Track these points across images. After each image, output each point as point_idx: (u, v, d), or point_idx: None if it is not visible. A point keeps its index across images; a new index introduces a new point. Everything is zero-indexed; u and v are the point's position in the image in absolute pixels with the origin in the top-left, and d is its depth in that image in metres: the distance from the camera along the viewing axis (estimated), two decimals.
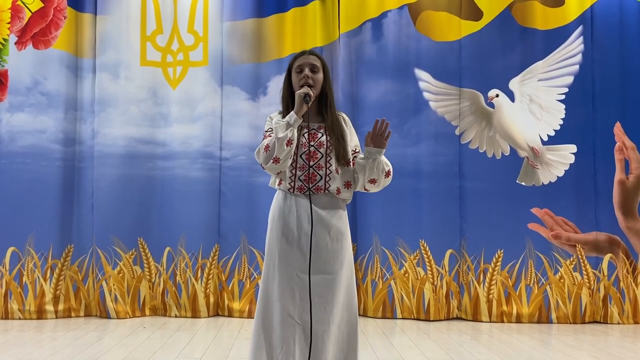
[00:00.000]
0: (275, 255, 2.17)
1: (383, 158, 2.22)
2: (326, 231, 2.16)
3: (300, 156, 2.17)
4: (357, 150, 2.30)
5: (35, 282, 4.32)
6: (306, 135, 2.19)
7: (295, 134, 2.12)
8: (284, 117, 2.20)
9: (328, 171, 2.18)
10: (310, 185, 2.17)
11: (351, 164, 2.25)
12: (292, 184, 2.18)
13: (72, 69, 4.47)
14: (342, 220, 2.21)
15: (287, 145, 2.09)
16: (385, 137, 2.19)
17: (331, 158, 2.19)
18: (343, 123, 2.27)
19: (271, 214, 2.25)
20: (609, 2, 4.57)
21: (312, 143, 2.18)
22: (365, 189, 2.26)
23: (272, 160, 2.11)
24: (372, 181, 2.22)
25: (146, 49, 4.56)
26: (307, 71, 2.19)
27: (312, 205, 2.15)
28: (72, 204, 4.43)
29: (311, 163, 2.17)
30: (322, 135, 2.20)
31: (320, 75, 2.22)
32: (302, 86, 2.18)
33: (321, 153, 2.18)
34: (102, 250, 4.38)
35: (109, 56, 4.49)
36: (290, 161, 2.15)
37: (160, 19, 4.59)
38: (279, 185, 2.24)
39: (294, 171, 2.18)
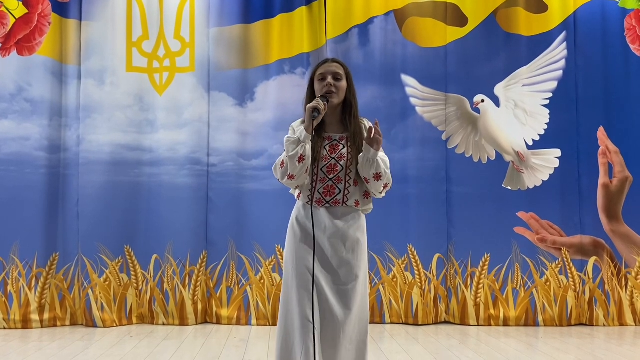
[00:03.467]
0: (293, 261, 2.17)
1: (378, 160, 2.14)
2: (342, 242, 2.15)
3: (321, 169, 2.16)
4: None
5: (20, 291, 4.27)
6: (327, 147, 2.18)
7: (308, 149, 2.09)
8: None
9: (347, 184, 2.17)
10: (329, 199, 2.16)
11: None
12: (311, 196, 2.16)
13: (56, 75, 4.43)
14: (359, 231, 2.20)
15: (298, 162, 2.08)
16: (378, 139, 2.12)
17: (351, 171, 2.17)
18: (365, 131, 2.23)
19: (292, 221, 2.23)
20: (592, 8, 4.65)
21: (333, 155, 2.17)
22: (372, 193, 2.21)
23: (287, 177, 2.12)
24: (366, 180, 2.17)
25: (132, 55, 4.53)
26: (329, 79, 2.17)
27: (330, 216, 2.15)
28: (57, 211, 4.38)
29: (331, 176, 2.16)
30: (344, 147, 2.18)
31: (343, 83, 2.20)
32: (324, 94, 2.16)
33: (341, 166, 2.16)
34: (88, 258, 4.34)
35: (95, 62, 4.45)
36: (306, 176, 2.13)
37: (146, 25, 4.56)
38: (298, 197, 2.24)
39: (314, 184, 2.16)
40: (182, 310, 4.42)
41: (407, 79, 4.60)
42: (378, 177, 2.15)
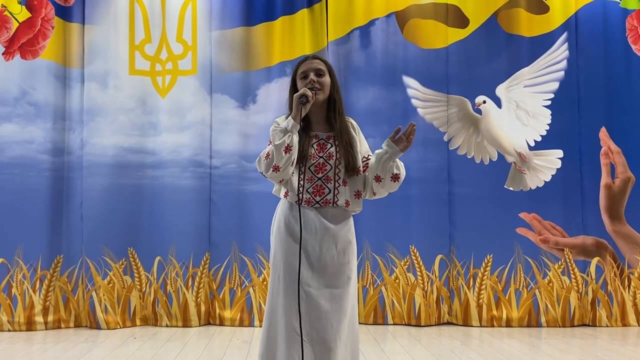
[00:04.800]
0: (280, 267, 2.09)
1: (398, 162, 2.14)
2: (333, 244, 2.10)
3: (309, 168, 2.09)
4: (368, 158, 2.21)
5: (25, 294, 4.29)
6: (315, 146, 2.12)
7: (295, 140, 2.01)
8: None
9: (337, 184, 2.11)
10: (319, 199, 2.10)
11: (361, 171, 2.17)
12: (300, 195, 2.08)
13: (60, 79, 4.45)
14: (350, 232, 2.16)
15: (285, 152, 1.99)
16: (409, 142, 2.11)
17: (340, 170, 2.11)
18: (352, 130, 2.18)
19: (276, 224, 2.15)
20: (593, 9, 4.64)
21: (321, 154, 2.10)
22: (373, 192, 2.17)
23: (272, 169, 2.02)
24: (377, 178, 2.12)
25: (135, 58, 4.56)
26: (312, 76, 2.11)
27: (320, 217, 2.09)
28: (61, 214, 4.40)
29: (319, 175, 2.09)
30: (332, 146, 2.12)
31: (326, 79, 2.14)
32: (310, 89, 2.09)
33: (330, 165, 2.10)
34: (92, 260, 4.36)
35: (98, 66, 4.48)
36: (291, 169, 2.05)
37: (149, 28, 4.59)
38: (285, 196, 2.14)
39: (302, 182, 2.09)
40: (185, 312, 4.44)
41: (408, 81, 4.61)
42: (396, 178, 2.13)
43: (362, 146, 2.21)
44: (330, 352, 2.01)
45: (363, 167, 2.18)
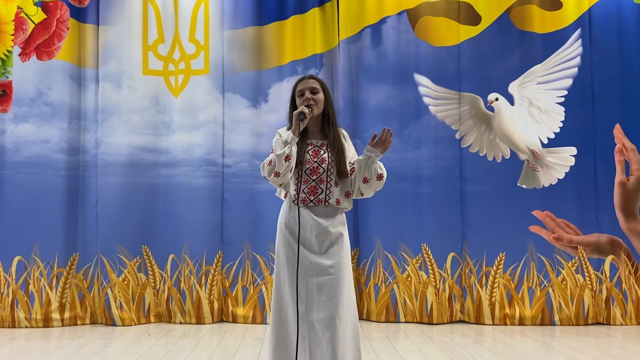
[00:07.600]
0: (283, 260, 2.40)
1: (379, 163, 2.42)
2: (327, 237, 2.38)
3: (305, 171, 2.40)
4: (353, 163, 2.48)
5: (41, 291, 4.37)
6: (310, 152, 2.42)
7: (294, 150, 2.32)
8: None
9: (328, 185, 2.40)
10: (312, 198, 2.39)
11: (349, 174, 2.45)
12: (297, 196, 2.39)
13: (75, 79, 4.52)
14: (341, 226, 2.43)
15: (285, 161, 2.30)
16: (386, 145, 2.41)
17: (332, 173, 2.41)
18: (343, 139, 2.48)
19: (279, 223, 2.47)
20: (607, 4, 4.60)
21: (315, 159, 2.40)
22: (361, 193, 2.45)
23: (273, 174, 2.33)
24: (365, 180, 2.41)
25: (148, 58, 4.61)
26: (307, 94, 2.41)
27: (314, 216, 2.38)
28: (76, 212, 4.47)
29: (314, 177, 2.39)
30: (324, 152, 2.42)
31: (320, 96, 2.43)
32: (306, 106, 2.39)
33: (323, 168, 2.40)
34: (107, 258, 4.42)
35: (112, 66, 4.54)
36: (290, 175, 2.35)
37: (162, 29, 4.64)
38: (284, 197, 2.46)
39: (298, 184, 2.40)
40: (198, 309, 4.48)
41: (420, 79, 4.60)
42: (380, 177, 2.42)
43: (350, 153, 2.51)
44: (330, 330, 2.28)
45: (350, 170, 2.46)
